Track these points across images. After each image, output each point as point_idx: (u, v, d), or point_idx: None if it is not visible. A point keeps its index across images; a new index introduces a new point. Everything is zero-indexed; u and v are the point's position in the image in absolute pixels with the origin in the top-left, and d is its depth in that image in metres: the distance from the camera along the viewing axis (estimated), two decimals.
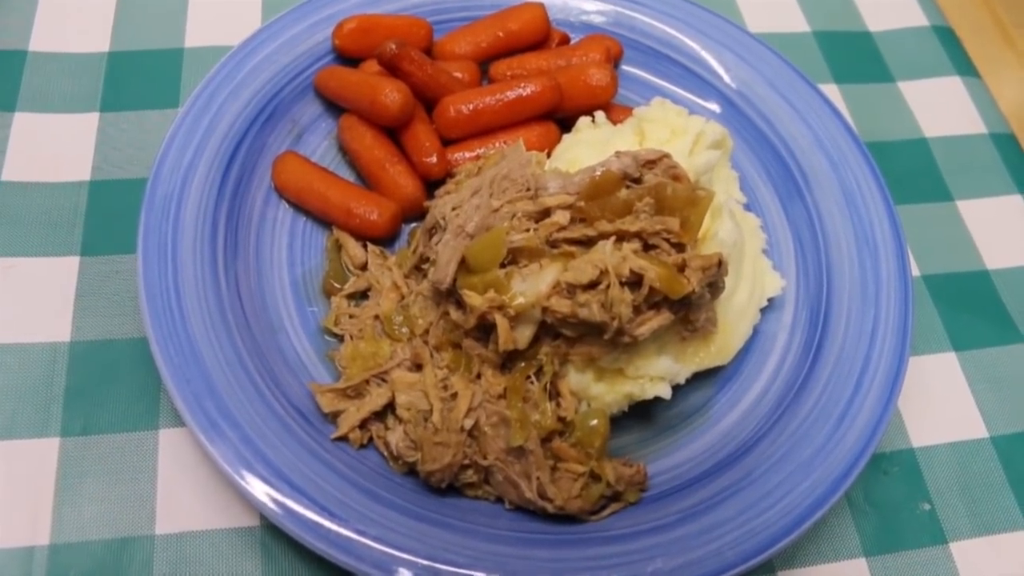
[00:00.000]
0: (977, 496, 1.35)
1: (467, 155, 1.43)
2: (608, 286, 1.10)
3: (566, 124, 1.49)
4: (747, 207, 1.47)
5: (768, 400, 1.32)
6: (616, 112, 1.51)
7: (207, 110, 1.39)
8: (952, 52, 1.88)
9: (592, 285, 1.11)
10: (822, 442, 1.23)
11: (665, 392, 1.22)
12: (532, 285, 1.13)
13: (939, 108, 1.80)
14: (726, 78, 1.61)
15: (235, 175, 1.37)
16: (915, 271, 1.56)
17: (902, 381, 1.28)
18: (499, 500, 1.19)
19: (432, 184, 1.43)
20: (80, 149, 1.50)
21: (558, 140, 1.46)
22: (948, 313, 1.53)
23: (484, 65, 1.57)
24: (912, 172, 1.70)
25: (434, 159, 1.39)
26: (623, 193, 1.16)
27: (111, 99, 1.57)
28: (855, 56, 1.86)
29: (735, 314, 1.32)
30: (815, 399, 1.28)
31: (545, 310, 1.12)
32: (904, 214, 1.54)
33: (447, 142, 1.45)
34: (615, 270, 1.10)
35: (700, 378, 1.33)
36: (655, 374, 1.21)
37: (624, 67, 1.64)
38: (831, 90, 1.78)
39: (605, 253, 1.11)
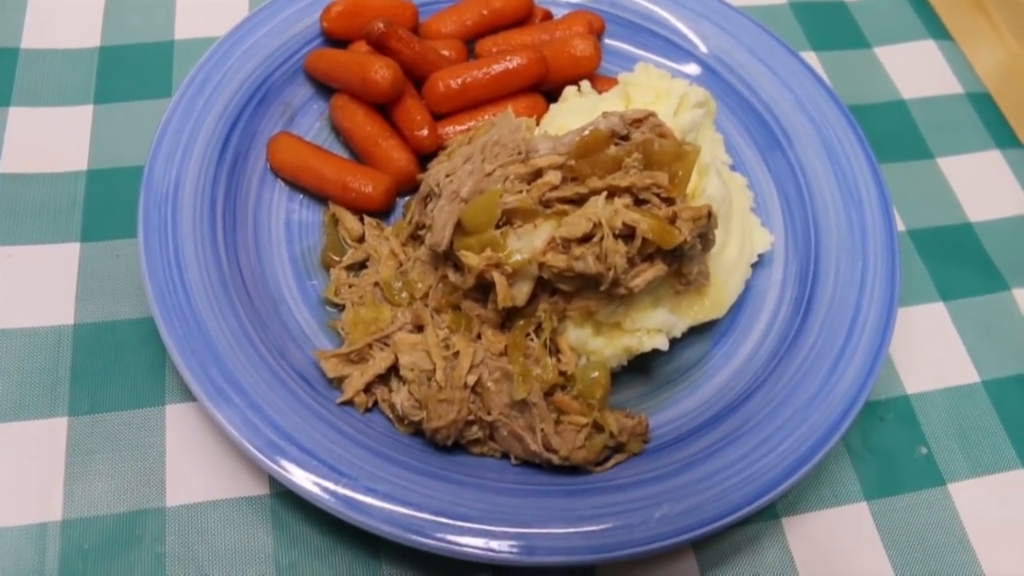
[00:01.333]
0: (972, 438, 1.38)
1: (457, 128, 1.46)
2: (602, 238, 1.12)
3: (552, 96, 1.52)
4: (732, 168, 1.50)
5: (763, 353, 1.34)
6: (600, 83, 1.54)
7: (200, 95, 1.42)
8: (925, 18, 1.92)
9: (586, 239, 1.14)
10: (816, 389, 1.25)
11: (663, 344, 1.25)
12: (528, 242, 1.16)
13: (915, 71, 1.84)
14: (706, 47, 1.64)
15: (231, 156, 1.40)
16: (900, 226, 1.59)
17: (893, 327, 1.31)
18: (505, 456, 1.21)
19: (424, 158, 1.46)
20: (76, 140, 1.52)
21: (545, 111, 1.49)
22: (934, 265, 1.56)
23: (470, 44, 1.60)
24: (893, 132, 1.74)
25: (426, 132, 1.42)
26: (612, 150, 1.19)
27: (104, 91, 1.59)
28: (831, 24, 1.90)
29: (726, 269, 1.35)
30: (808, 349, 1.31)
31: (542, 266, 1.15)
32: (888, 172, 1.57)
33: (437, 117, 1.48)
34: (608, 222, 1.13)
35: (696, 334, 1.36)
36: (652, 327, 1.24)
37: (606, 41, 1.67)
38: (810, 57, 1.82)
39: (597, 207, 1.14)
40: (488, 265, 1.15)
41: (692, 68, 1.64)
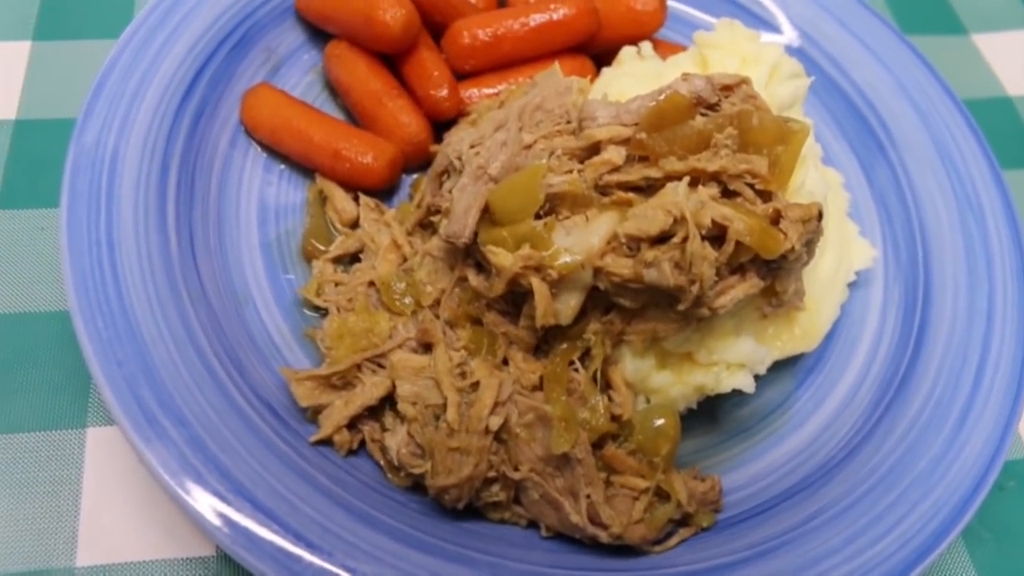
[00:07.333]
0: None
1: (484, 92, 1.17)
2: (685, 239, 0.82)
3: (602, 62, 1.22)
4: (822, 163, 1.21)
5: (863, 397, 1.06)
6: (663, 49, 1.24)
7: (159, 31, 1.11)
8: None
9: (663, 238, 0.84)
10: (941, 451, 0.97)
11: (747, 384, 0.95)
12: (581, 239, 0.86)
13: (1021, 64, 1.56)
14: (786, 16, 1.35)
15: (193, 109, 1.10)
16: None
17: None
18: (532, 525, 0.91)
19: (440, 127, 1.16)
20: (6, 84, 1.23)
21: (595, 79, 1.19)
22: None
23: None
24: (998, 134, 1.45)
25: (445, 91, 1.12)
26: (698, 122, 0.89)
27: (48, 26, 1.31)
28: (922, 5, 1.62)
29: (821, 288, 1.05)
30: (925, 396, 1.03)
31: (598, 272, 0.85)
32: None
33: (459, 77, 1.18)
34: (694, 218, 0.83)
35: (776, 369, 1.06)
36: (733, 360, 0.94)
37: (668, 3, 1.37)
38: None
39: (679, 196, 0.84)
40: (526, 267, 0.85)
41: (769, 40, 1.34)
